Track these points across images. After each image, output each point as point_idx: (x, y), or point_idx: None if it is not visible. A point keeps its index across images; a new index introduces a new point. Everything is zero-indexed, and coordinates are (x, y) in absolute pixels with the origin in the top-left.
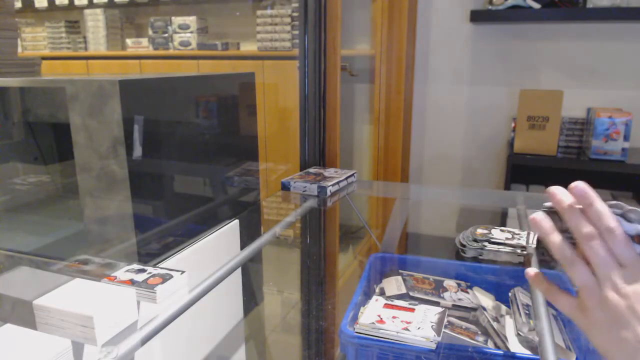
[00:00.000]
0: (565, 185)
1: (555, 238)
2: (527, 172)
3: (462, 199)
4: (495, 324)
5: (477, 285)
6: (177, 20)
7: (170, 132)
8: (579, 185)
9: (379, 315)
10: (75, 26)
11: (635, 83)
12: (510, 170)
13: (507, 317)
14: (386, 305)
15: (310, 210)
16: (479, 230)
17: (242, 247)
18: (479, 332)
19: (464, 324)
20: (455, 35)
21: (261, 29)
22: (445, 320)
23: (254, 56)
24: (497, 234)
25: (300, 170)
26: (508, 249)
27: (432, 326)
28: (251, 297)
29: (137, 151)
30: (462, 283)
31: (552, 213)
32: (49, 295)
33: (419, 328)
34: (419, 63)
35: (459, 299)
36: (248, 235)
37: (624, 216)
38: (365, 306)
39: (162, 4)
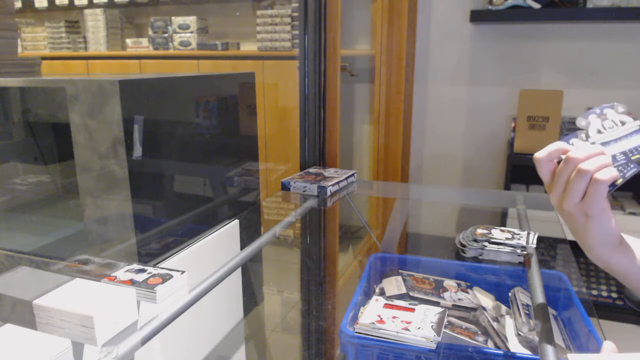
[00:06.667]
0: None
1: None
2: (527, 172)
3: (462, 199)
4: (495, 324)
5: (477, 285)
6: (177, 20)
7: (170, 132)
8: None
9: (379, 315)
10: (75, 26)
11: (635, 83)
12: (510, 170)
13: (507, 317)
14: (386, 305)
15: (310, 210)
16: (479, 230)
17: (242, 247)
18: (479, 332)
19: (464, 324)
20: (455, 35)
21: (261, 29)
22: (445, 320)
23: (254, 56)
24: (497, 234)
25: (300, 170)
26: (508, 249)
27: (432, 326)
28: (251, 297)
29: (137, 151)
30: (462, 283)
31: None
32: (49, 295)
33: (419, 328)
34: (419, 63)
35: (459, 299)
36: (248, 235)
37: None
38: (365, 306)
39: (162, 4)
